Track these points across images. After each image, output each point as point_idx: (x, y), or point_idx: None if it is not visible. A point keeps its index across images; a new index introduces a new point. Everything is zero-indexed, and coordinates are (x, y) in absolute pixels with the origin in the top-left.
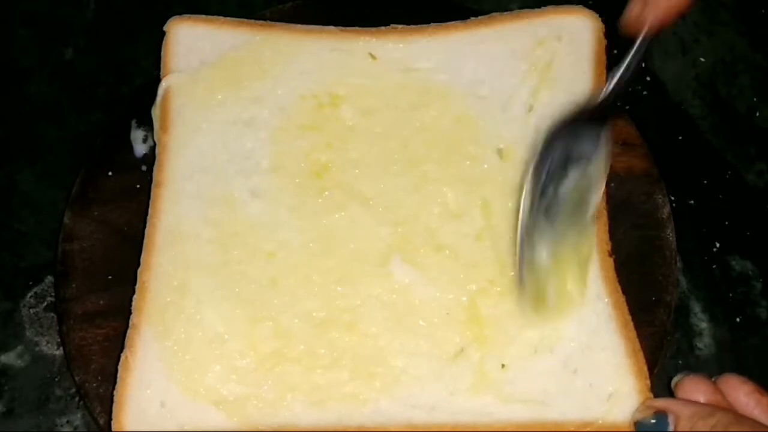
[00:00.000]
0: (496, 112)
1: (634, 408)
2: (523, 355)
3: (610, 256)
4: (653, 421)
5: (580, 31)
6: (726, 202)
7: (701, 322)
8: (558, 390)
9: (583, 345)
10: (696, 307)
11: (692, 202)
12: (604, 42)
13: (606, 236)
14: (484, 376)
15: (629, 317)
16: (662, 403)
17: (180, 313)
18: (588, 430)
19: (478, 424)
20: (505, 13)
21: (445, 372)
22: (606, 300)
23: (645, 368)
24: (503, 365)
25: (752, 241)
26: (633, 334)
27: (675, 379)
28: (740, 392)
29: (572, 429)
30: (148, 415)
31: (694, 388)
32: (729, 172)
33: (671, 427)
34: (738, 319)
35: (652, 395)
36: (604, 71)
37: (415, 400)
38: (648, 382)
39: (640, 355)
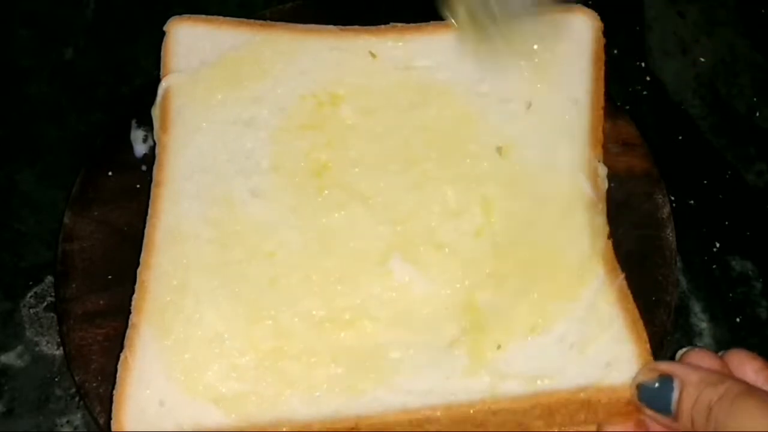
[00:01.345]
0: (496, 110)
1: (634, 372)
2: (520, 336)
3: (609, 238)
4: (657, 385)
5: (580, 29)
6: (726, 202)
7: (701, 322)
8: (555, 363)
9: (581, 319)
10: (696, 307)
11: (692, 202)
12: (603, 41)
13: (604, 219)
14: (480, 358)
15: (628, 291)
16: (668, 366)
17: (179, 312)
18: (584, 395)
19: (474, 402)
20: None
21: (441, 359)
22: (603, 277)
23: (645, 335)
24: (499, 346)
25: (752, 241)
26: (632, 305)
27: (680, 352)
28: (748, 368)
29: (568, 396)
30: (147, 415)
31: (700, 361)
32: (729, 172)
33: (676, 393)
34: (738, 319)
35: (653, 359)
36: (603, 68)
37: (411, 386)
38: (648, 346)
39: (640, 324)
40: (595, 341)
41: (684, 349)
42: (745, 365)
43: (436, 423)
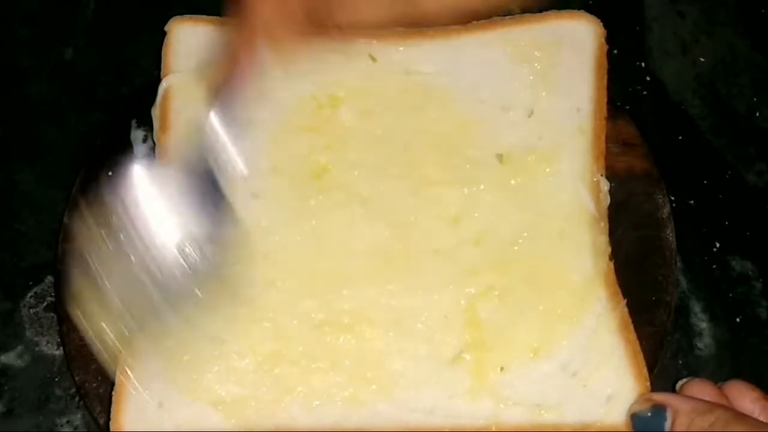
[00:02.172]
0: (497, 116)
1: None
2: (522, 358)
3: (610, 259)
4: (650, 414)
5: (582, 36)
6: (726, 202)
7: (701, 322)
8: (557, 393)
9: (582, 347)
10: (696, 307)
11: (692, 202)
12: (606, 47)
13: (606, 239)
14: (483, 380)
15: (629, 319)
16: (661, 396)
17: None
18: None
19: (476, 427)
20: (506, 17)
21: (443, 375)
22: (605, 302)
23: (645, 370)
24: (502, 368)
25: (752, 241)
26: (633, 335)
27: (680, 383)
28: (747, 399)
29: (571, 431)
30: (146, 416)
31: (699, 392)
32: (729, 172)
33: (669, 422)
34: (738, 319)
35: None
36: (605, 76)
37: (413, 403)
38: (648, 383)
39: (640, 356)
40: (597, 372)
41: (684, 380)
42: (744, 396)
43: None
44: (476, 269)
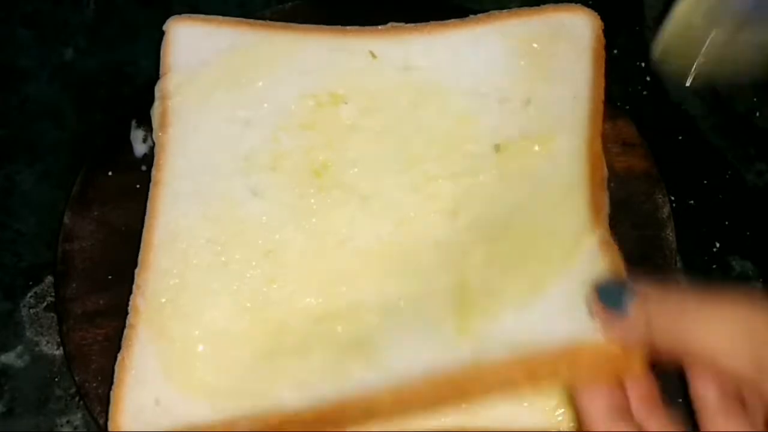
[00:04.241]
0: (495, 110)
1: None
2: (509, 308)
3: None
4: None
5: (579, 29)
6: (726, 202)
7: None
8: (541, 326)
9: (570, 288)
10: None
11: (692, 202)
12: (603, 40)
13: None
14: (472, 335)
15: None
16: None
17: (177, 312)
18: (570, 351)
19: (465, 372)
20: (504, 10)
21: (433, 340)
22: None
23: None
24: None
25: (752, 241)
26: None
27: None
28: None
29: (554, 353)
30: (144, 415)
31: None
32: (729, 172)
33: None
34: None
35: None
36: (603, 69)
37: (404, 370)
38: None
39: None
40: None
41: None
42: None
43: (420, 397)
44: (477, 262)
